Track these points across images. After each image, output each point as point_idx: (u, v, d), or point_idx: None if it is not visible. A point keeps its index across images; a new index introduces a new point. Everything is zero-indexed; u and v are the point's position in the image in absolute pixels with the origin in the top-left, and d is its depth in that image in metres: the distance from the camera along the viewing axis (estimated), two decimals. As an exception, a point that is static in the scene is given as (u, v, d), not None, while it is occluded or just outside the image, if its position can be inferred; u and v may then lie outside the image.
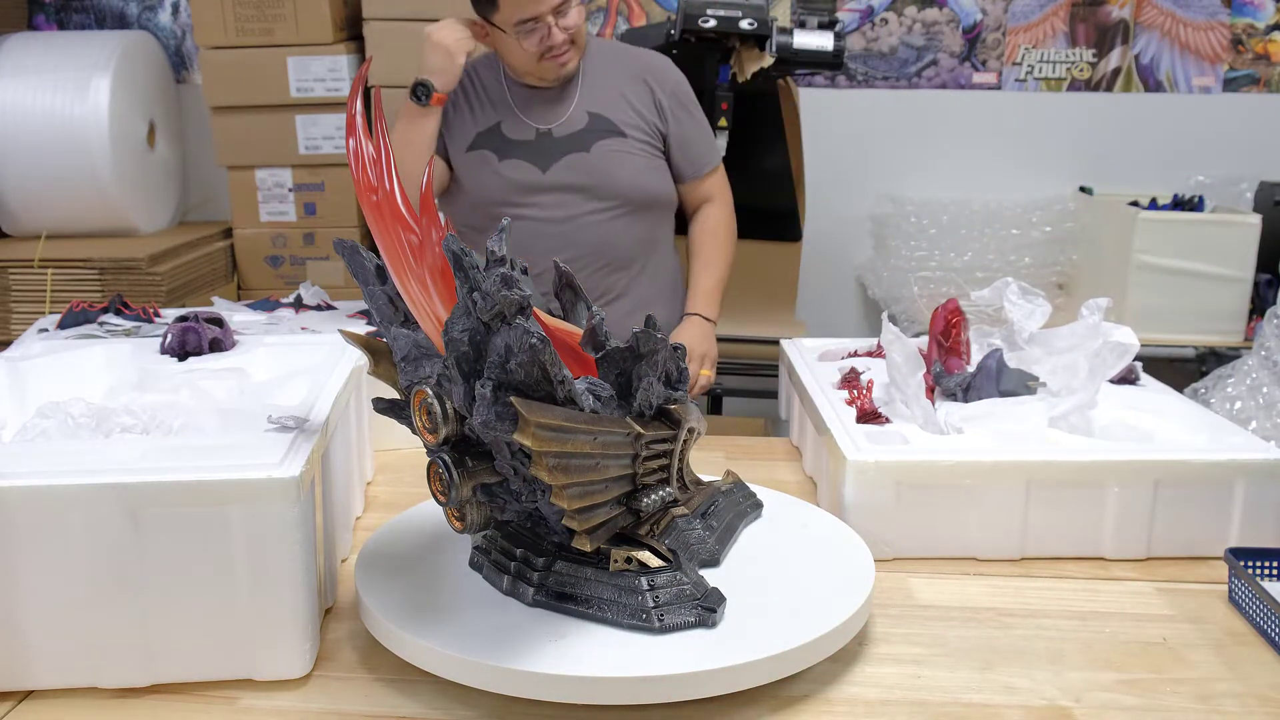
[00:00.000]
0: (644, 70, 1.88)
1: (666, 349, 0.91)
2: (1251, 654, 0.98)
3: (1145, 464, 1.13)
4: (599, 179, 1.81)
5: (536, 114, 1.83)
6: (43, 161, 2.63)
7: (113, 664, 0.89)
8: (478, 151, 1.83)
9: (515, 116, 1.84)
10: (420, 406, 0.90)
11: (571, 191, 1.81)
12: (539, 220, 1.81)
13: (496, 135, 1.83)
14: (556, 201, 1.81)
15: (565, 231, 1.81)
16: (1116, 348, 1.24)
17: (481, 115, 1.85)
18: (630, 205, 1.84)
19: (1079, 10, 3.09)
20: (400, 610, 0.93)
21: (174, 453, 0.91)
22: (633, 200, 1.84)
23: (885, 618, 1.04)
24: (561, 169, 1.81)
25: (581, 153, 1.81)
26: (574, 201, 1.82)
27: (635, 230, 1.86)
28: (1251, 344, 2.37)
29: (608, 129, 1.83)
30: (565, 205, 1.82)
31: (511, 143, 1.82)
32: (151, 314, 1.59)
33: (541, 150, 1.82)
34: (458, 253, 0.82)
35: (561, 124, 1.82)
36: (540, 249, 1.78)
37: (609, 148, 1.82)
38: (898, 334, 1.28)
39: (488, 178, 1.82)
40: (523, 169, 1.81)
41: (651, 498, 0.95)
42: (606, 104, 1.84)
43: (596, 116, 1.83)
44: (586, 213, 1.82)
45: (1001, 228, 3.04)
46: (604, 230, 1.83)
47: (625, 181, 1.83)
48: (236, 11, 2.68)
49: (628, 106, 1.85)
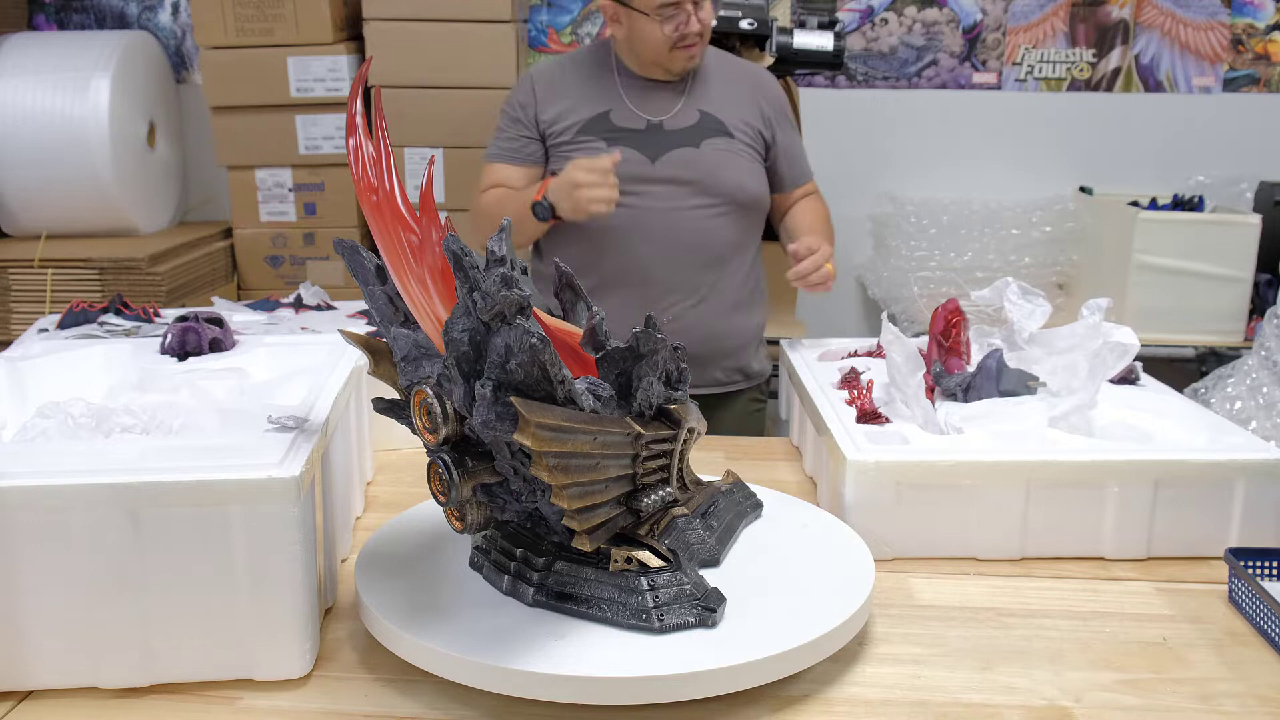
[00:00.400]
0: (750, 78, 1.94)
1: (666, 349, 0.91)
2: (1251, 654, 0.98)
3: (1145, 464, 1.13)
4: (706, 175, 1.83)
5: (647, 106, 1.85)
6: (43, 161, 2.64)
7: (113, 664, 0.89)
8: (585, 138, 1.84)
9: (625, 106, 1.85)
10: (420, 406, 0.90)
11: (678, 185, 1.83)
12: (643, 210, 1.82)
13: (604, 122, 1.85)
14: (663, 193, 1.82)
15: (668, 223, 1.83)
16: (1116, 348, 1.24)
17: (586, 104, 1.86)
18: (732, 205, 1.86)
19: (1079, 10, 3.09)
20: (400, 610, 0.93)
21: (174, 453, 0.91)
22: (736, 200, 1.86)
23: (885, 618, 1.04)
24: (670, 162, 1.82)
25: (691, 148, 1.83)
26: (679, 195, 1.83)
27: (732, 230, 1.87)
28: (1251, 344, 2.37)
29: (717, 128, 1.85)
30: (670, 198, 1.83)
31: (621, 131, 1.84)
32: (151, 314, 1.59)
33: (651, 141, 1.83)
34: (458, 253, 0.82)
35: (672, 117, 1.85)
36: (640, 238, 1.82)
37: (717, 146, 1.84)
38: (898, 334, 1.28)
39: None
40: (631, 157, 1.81)
41: (651, 498, 0.95)
42: (716, 104, 1.87)
43: (707, 115, 1.86)
44: (690, 207, 1.83)
45: (1001, 228, 3.04)
46: (705, 226, 1.84)
47: (731, 181, 1.85)
48: (236, 11, 2.68)
49: (735, 109, 1.88)
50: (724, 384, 1.93)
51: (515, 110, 1.89)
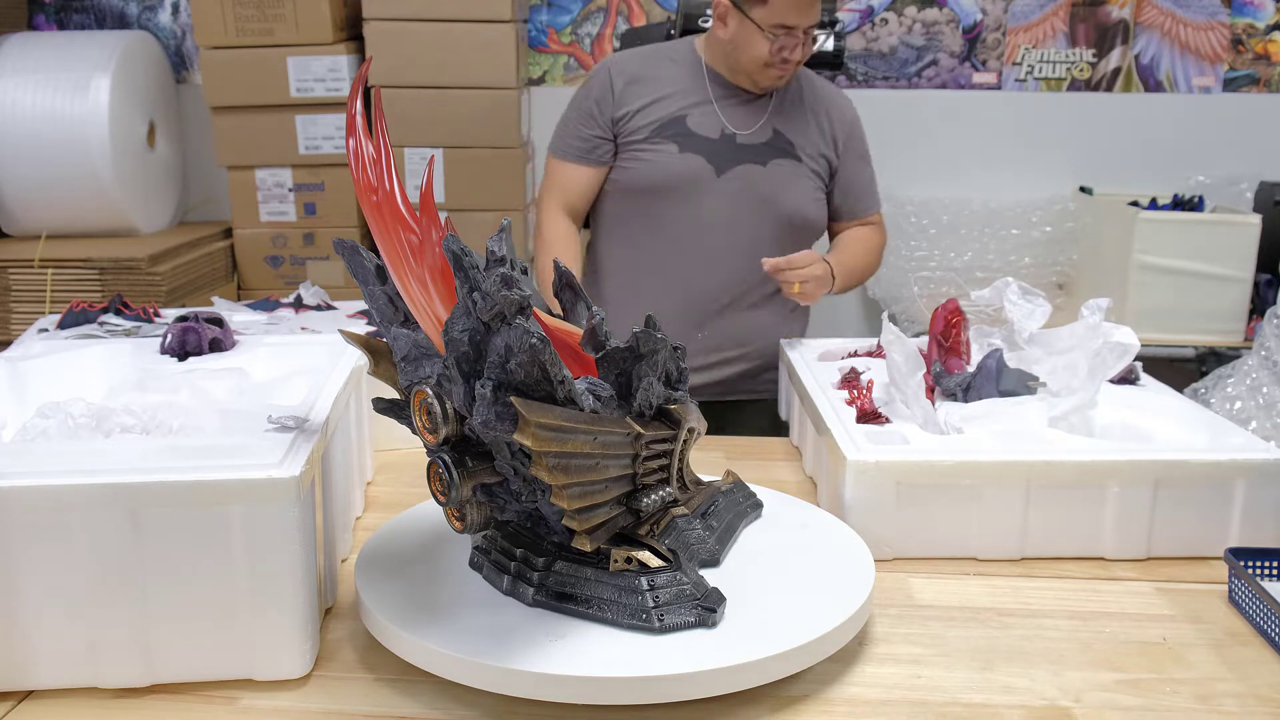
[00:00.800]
0: (827, 102, 1.93)
1: (667, 349, 0.91)
2: (1251, 654, 0.98)
3: (1145, 464, 1.13)
4: (767, 195, 1.84)
5: (728, 115, 1.85)
6: (43, 161, 2.64)
7: (113, 664, 0.89)
8: (658, 141, 1.84)
9: (706, 111, 1.85)
10: (420, 406, 0.90)
11: (739, 201, 1.83)
12: (702, 219, 1.83)
13: (680, 125, 1.84)
14: (723, 206, 1.83)
15: (724, 235, 1.83)
16: (1116, 348, 1.24)
17: (667, 104, 1.85)
18: (789, 226, 1.87)
19: (1079, 10, 3.09)
20: (400, 610, 0.93)
21: (174, 453, 0.91)
22: (792, 223, 1.87)
23: (885, 618, 1.04)
24: (734, 177, 1.83)
25: (758, 165, 1.84)
26: (738, 210, 1.83)
27: (787, 248, 1.85)
28: (1251, 344, 2.37)
29: (786, 150, 1.86)
30: (730, 211, 1.83)
31: (695, 137, 1.83)
32: (151, 314, 1.59)
33: (721, 152, 1.83)
34: (458, 253, 0.82)
35: (748, 133, 1.85)
36: (696, 246, 1.83)
37: (783, 168, 1.85)
38: (898, 334, 1.28)
39: (664, 163, 1.82)
40: (699, 165, 1.82)
41: (651, 498, 0.95)
42: (791, 125, 1.87)
43: (780, 135, 1.86)
44: (747, 223, 1.84)
45: (1001, 228, 3.04)
46: (759, 241, 1.84)
47: (790, 204, 1.86)
48: (236, 11, 2.69)
49: (809, 133, 1.88)
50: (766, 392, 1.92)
51: (590, 104, 1.87)
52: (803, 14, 1.75)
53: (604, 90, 1.86)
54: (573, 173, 1.88)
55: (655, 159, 1.83)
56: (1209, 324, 2.70)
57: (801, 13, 1.75)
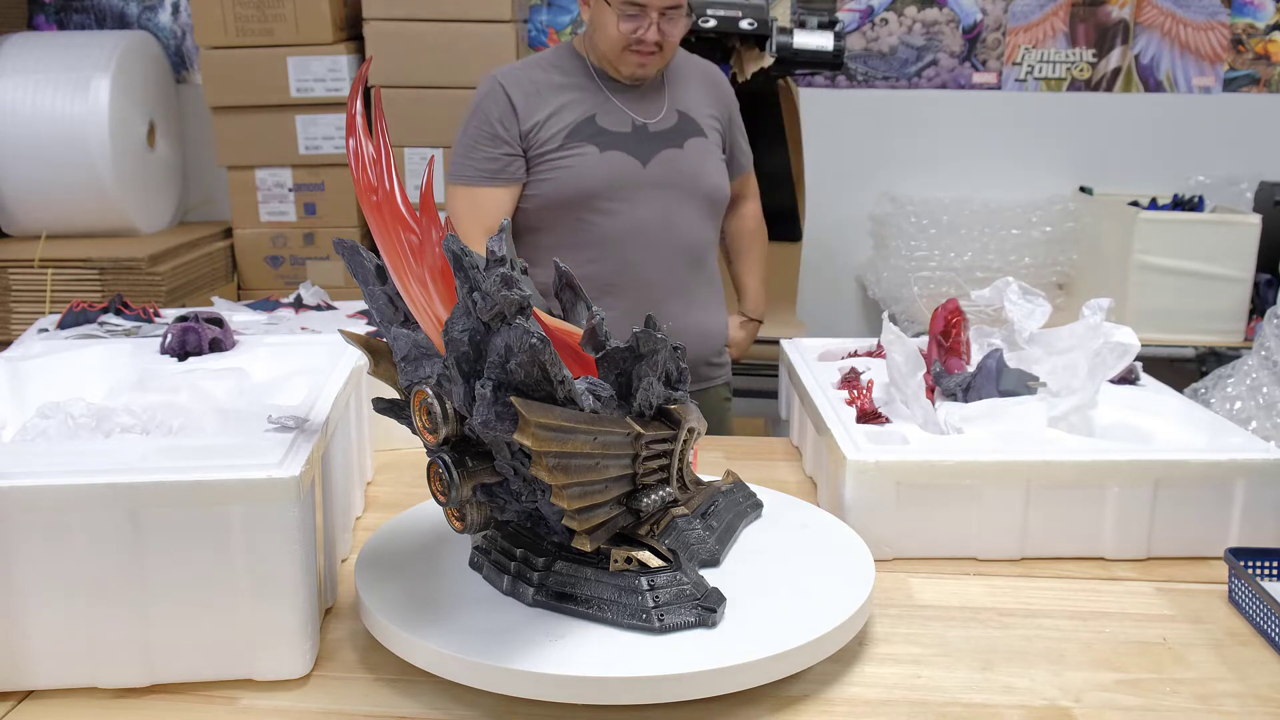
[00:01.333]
0: (705, 74, 1.94)
1: (667, 349, 0.91)
2: (1251, 654, 0.98)
3: (1145, 464, 1.13)
4: (690, 177, 1.83)
5: (632, 107, 1.82)
6: (43, 161, 2.63)
7: (113, 664, 0.89)
8: (575, 144, 1.79)
9: (612, 105, 1.81)
10: (420, 406, 0.90)
11: (667, 188, 1.81)
12: (637, 215, 1.80)
13: (592, 125, 1.80)
14: (654, 196, 1.81)
15: (660, 226, 1.81)
16: (1117, 348, 1.24)
17: (570, 109, 1.80)
18: (710, 203, 1.87)
19: (1079, 10, 3.09)
20: (400, 610, 0.93)
21: (174, 453, 0.91)
22: (713, 199, 1.87)
23: (885, 618, 1.04)
24: (658, 164, 1.81)
25: (676, 149, 1.82)
26: (668, 197, 1.81)
27: (710, 229, 1.88)
28: (1251, 344, 2.37)
29: (694, 129, 1.85)
30: (661, 201, 1.81)
31: (610, 134, 1.80)
32: (151, 314, 1.59)
33: (639, 143, 1.81)
34: (458, 253, 0.82)
35: (657, 120, 1.83)
36: (635, 243, 1.80)
37: (698, 146, 1.85)
38: (898, 334, 1.28)
39: (589, 169, 1.78)
40: (623, 160, 1.79)
41: (651, 498, 0.95)
42: (690, 104, 1.87)
43: (684, 116, 1.85)
44: (679, 209, 1.82)
45: (1001, 228, 3.04)
46: (691, 227, 1.84)
47: (710, 181, 1.86)
48: (236, 11, 2.68)
49: (704, 108, 1.88)
50: (707, 380, 1.95)
51: (493, 124, 1.79)
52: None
53: (504, 107, 1.79)
54: (489, 196, 1.79)
55: (578, 164, 1.78)
56: (1209, 324, 2.70)
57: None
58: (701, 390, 1.94)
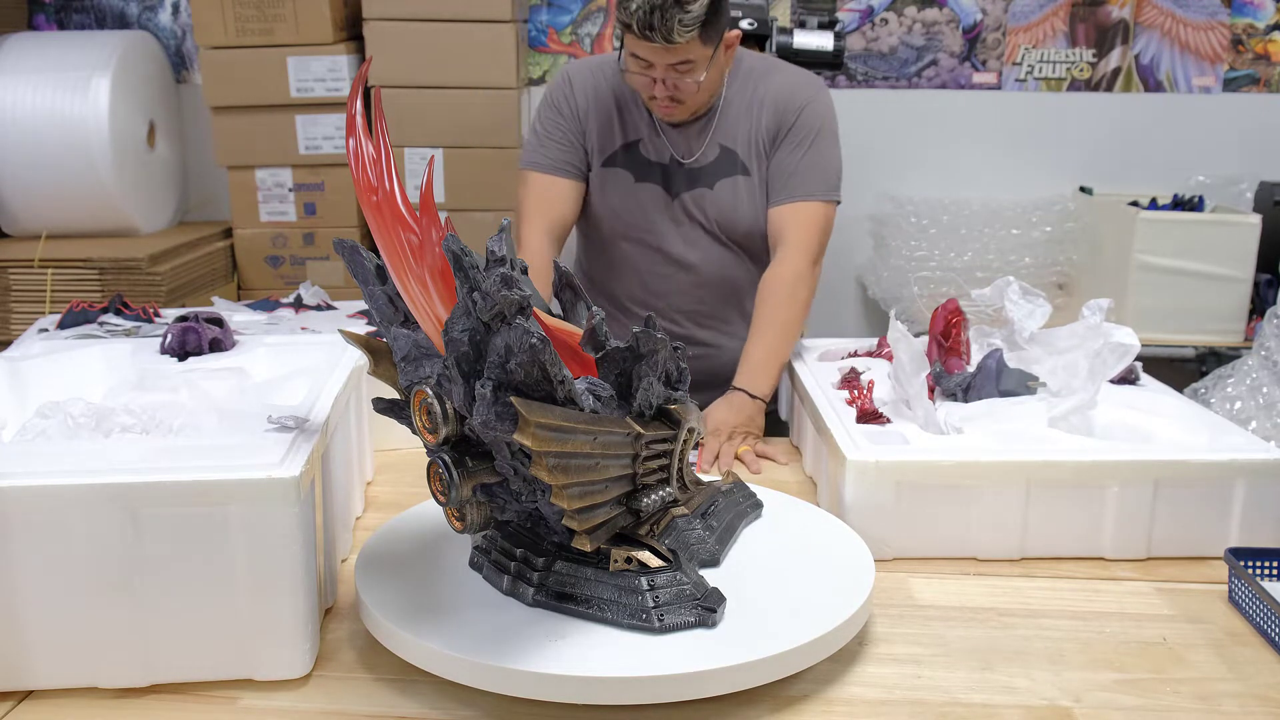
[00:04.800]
0: (780, 96, 1.71)
1: (667, 349, 0.91)
2: (1251, 654, 0.98)
3: (1145, 464, 1.13)
4: (719, 217, 1.72)
5: (674, 139, 1.71)
6: (43, 161, 2.63)
7: (113, 664, 0.89)
8: (614, 169, 1.73)
9: (654, 137, 1.72)
10: (420, 406, 0.90)
11: (693, 225, 1.73)
12: (663, 249, 1.74)
13: (633, 153, 1.73)
14: (682, 235, 1.73)
15: (687, 261, 1.74)
16: (1117, 348, 1.24)
17: (620, 129, 1.72)
18: (743, 245, 1.75)
19: (1079, 10, 3.09)
20: (400, 610, 0.93)
21: (174, 453, 0.91)
22: (745, 241, 1.75)
23: (885, 618, 1.04)
24: (686, 202, 1.72)
25: (705, 189, 1.71)
26: (697, 236, 1.73)
27: (743, 268, 1.76)
28: (1251, 344, 2.37)
29: (733, 166, 1.71)
30: (690, 238, 1.74)
31: (648, 165, 1.72)
32: (151, 314, 1.59)
33: (671, 178, 1.72)
34: (458, 253, 0.82)
35: (695, 157, 1.71)
36: (661, 276, 1.74)
37: (730, 187, 1.71)
38: (904, 332, 1.28)
39: (619, 200, 1.72)
40: (655, 195, 1.71)
41: (651, 498, 0.95)
42: (740, 136, 1.71)
43: (726, 150, 1.71)
44: (708, 248, 1.74)
45: (1001, 228, 3.04)
46: (721, 264, 1.75)
47: (743, 225, 1.72)
48: (236, 11, 2.68)
49: (750, 139, 1.71)
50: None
51: (565, 108, 1.71)
52: (646, 48, 1.53)
53: (571, 101, 1.73)
54: (557, 189, 1.72)
55: (611, 192, 1.73)
56: (1209, 324, 2.70)
57: (642, 46, 1.53)
58: None
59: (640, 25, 1.49)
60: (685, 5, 1.48)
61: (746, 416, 1.54)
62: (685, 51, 1.52)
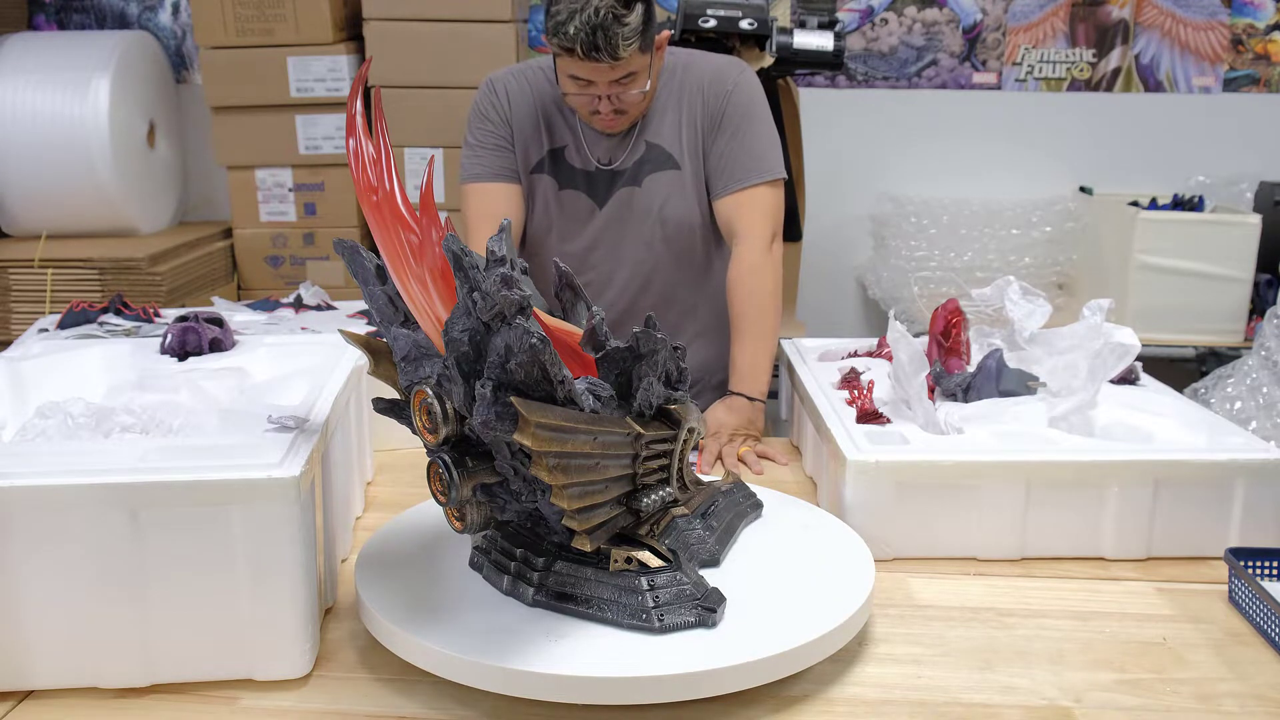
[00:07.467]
0: (704, 86, 1.68)
1: (667, 349, 0.91)
2: (1251, 654, 0.98)
3: (1145, 464, 1.13)
4: (646, 212, 1.68)
5: (598, 144, 1.67)
6: (43, 161, 2.63)
7: (113, 664, 0.89)
8: (540, 176, 1.69)
9: (580, 144, 1.68)
10: (420, 406, 0.90)
11: (624, 226, 1.69)
12: (594, 253, 1.70)
13: (559, 160, 1.69)
14: (610, 239, 1.69)
15: (621, 268, 1.70)
16: (1117, 348, 1.24)
17: (546, 135, 1.69)
18: (680, 237, 1.70)
19: (1079, 10, 3.09)
20: (400, 610, 0.93)
21: (174, 453, 0.91)
22: (680, 232, 1.69)
23: (885, 618, 1.04)
24: (615, 204, 1.68)
25: (633, 187, 1.67)
26: (628, 236, 1.69)
27: (677, 261, 1.71)
28: (1251, 344, 2.37)
29: (663, 161, 1.67)
30: (620, 241, 1.69)
31: (572, 171, 1.68)
32: (151, 314, 1.59)
33: (598, 182, 1.68)
34: (458, 253, 0.82)
35: (620, 160, 1.67)
36: (600, 285, 1.70)
37: (660, 181, 1.67)
38: (904, 332, 1.28)
39: (543, 208, 1.70)
40: (580, 202, 1.68)
41: (651, 498, 0.95)
42: (667, 131, 1.67)
43: (654, 147, 1.67)
44: (640, 249, 1.69)
45: (1001, 228, 3.04)
46: (655, 271, 1.70)
47: (675, 217, 1.68)
48: (236, 11, 2.68)
49: (679, 132, 1.67)
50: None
51: (493, 115, 1.69)
52: (588, 68, 1.50)
53: (501, 108, 1.69)
54: (497, 195, 1.69)
55: (537, 196, 1.69)
56: (1209, 324, 2.70)
57: (584, 66, 1.50)
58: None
59: (585, 47, 1.46)
60: (622, 19, 1.46)
61: (746, 418, 1.55)
62: (628, 65, 1.51)
